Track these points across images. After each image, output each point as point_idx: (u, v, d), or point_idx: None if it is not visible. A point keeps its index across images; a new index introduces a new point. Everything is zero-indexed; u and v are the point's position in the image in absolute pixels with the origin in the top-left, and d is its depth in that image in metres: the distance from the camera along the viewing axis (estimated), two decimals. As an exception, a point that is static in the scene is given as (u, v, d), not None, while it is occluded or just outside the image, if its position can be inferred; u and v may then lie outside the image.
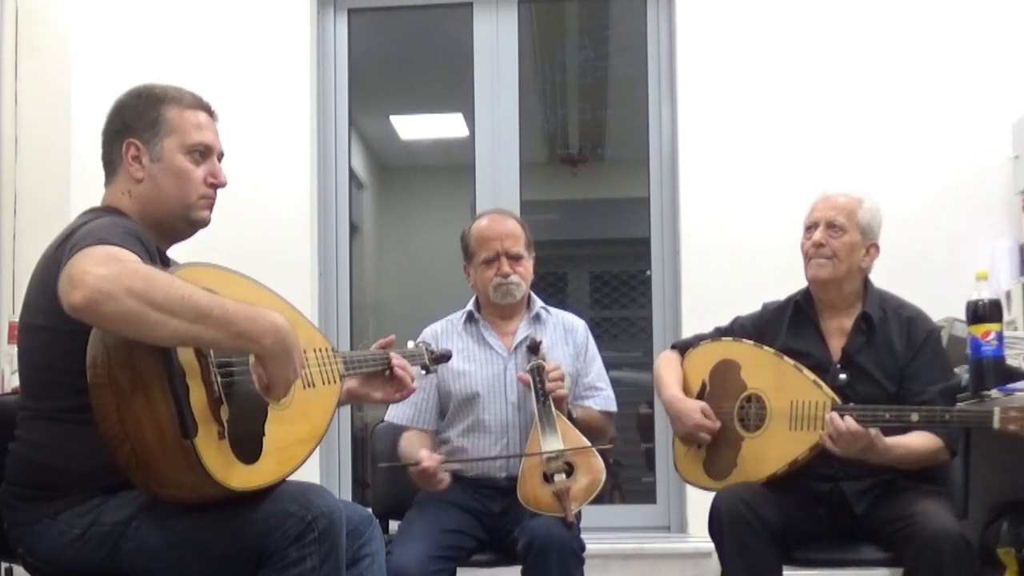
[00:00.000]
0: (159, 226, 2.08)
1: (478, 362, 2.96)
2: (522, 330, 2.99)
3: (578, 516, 2.65)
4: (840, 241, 2.73)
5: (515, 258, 2.95)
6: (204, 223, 2.12)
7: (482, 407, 2.91)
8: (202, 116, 2.13)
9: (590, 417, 2.94)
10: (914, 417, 2.50)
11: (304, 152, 4.12)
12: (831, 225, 2.73)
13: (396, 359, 2.37)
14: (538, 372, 2.80)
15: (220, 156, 2.16)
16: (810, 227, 2.78)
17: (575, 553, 2.60)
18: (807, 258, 2.78)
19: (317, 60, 4.25)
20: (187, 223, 2.11)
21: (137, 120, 2.08)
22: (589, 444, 2.73)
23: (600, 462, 2.71)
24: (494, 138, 4.26)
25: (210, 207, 2.13)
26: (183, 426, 1.74)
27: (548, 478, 2.67)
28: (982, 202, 3.82)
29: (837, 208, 2.75)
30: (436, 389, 2.97)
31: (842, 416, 2.50)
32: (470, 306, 3.06)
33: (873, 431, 2.49)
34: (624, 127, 6.11)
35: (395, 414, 2.97)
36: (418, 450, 2.79)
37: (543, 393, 2.78)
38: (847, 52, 3.95)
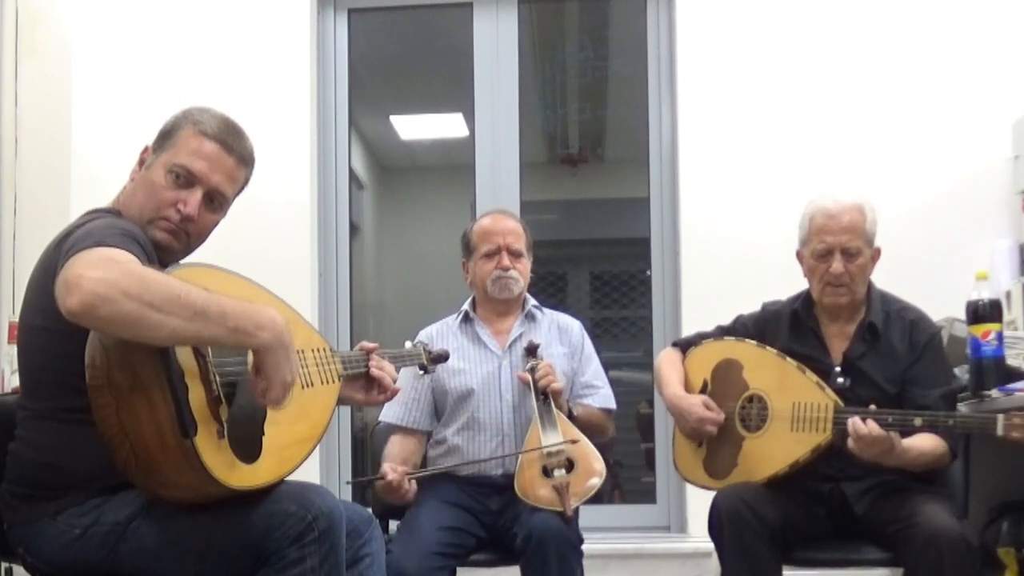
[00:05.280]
0: None
1: (473, 361, 2.97)
2: (516, 328, 3.01)
3: (575, 512, 2.65)
4: (856, 264, 2.70)
5: (515, 254, 2.97)
6: (159, 245, 2.00)
7: (476, 404, 2.92)
8: (209, 146, 2.05)
9: (589, 415, 2.96)
10: (917, 422, 2.49)
11: (304, 152, 4.12)
12: (846, 251, 2.68)
13: (374, 361, 2.32)
14: (535, 370, 2.81)
15: (215, 194, 2.06)
16: (824, 254, 2.70)
17: (574, 545, 2.61)
18: (822, 284, 2.72)
19: (317, 60, 4.25)
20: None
21: (164, 131, 2.09)
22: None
23: (600, 461, 2.72)
24: (494, 138, 4.26)
25: (170, 232, 2.02)
26: (182, 426, 1.74)
27: (548, 472, 2.68)
28: (982, 202, 3.82)
29: (849, 231, 2.68)
30: (430, 389, 2.97)
31: (864, 420, 2.48)
32: (466, 306, 3.07)
33: (894, 435, 2.48)
34: (624, 127, 6.10)
35: (387, 413, 2.98)
36: (410, 449, 2.83)
37: (542, 391, 2.79)
38: (847, 52, 3.96)
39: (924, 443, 2.58)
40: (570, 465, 2.69)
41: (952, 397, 2.73)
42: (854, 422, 2.49)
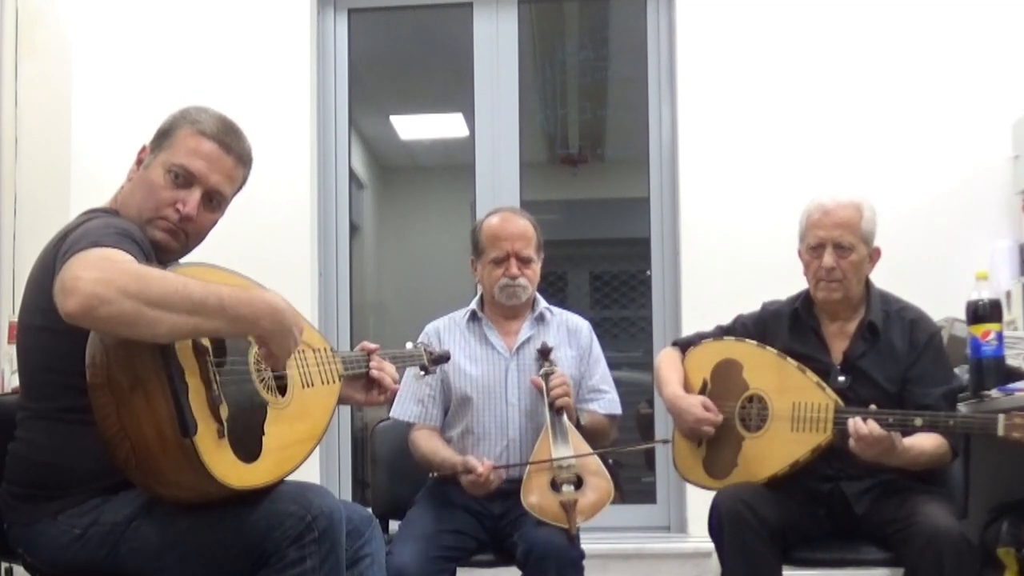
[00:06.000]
0: None
1: (479, 362, 2.96)
2: (525, 330, 2.98)
3: (578, 528, 2.64)
4: (849, 260, 2.70)
5: (524, 260, 2.93)
6: (157, 244, 2.01)
7: (477, 411, 2.91)
8: (207, 145, 2.05)
9: (596, 423, 2.94)
10: (918, 422, 2.49)
11: (304, 152, 4.12)
12: (838, 245, 2.70)
13: (374, 362, 2.32)
14: (549, 379, 2.80)
15: (214, 194, 2.06)
16: (816, 247, 2.72)
17: (574, 562, 2.59)
18: (815, 279, 2.74)
19: (317, 60, 4.25)
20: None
21: (162, 131, 2.09)
22: (594, 453, 2.73)
23: (609, 480, 2.71)
24: (494, 138, 4.26)
25: (168, 232, 2.03)
26: (183, 425, 1.74)
27: (556, 487, 2.66)
28: (982, 202, 3.81)
29: (842, 226, 2.70)
30: (442, 386, 2.96)
31: (864, 420, 2.48)
32: (474, 304, 3.04)
33: (895, 435, 2.48)
34: (624, 127, 6.10)
35: (401, 411, 2.96)
36: (452, 454, 2.81)
37: (554, 402, 2.78)
38: (847, 52, 3.95)
39: (925, 442, 2.57)
40: (579, 482, 2.67)
41: (953, 396, 2.74)
42: (854, 422, 2.49)
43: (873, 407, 2.54)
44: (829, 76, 3.95)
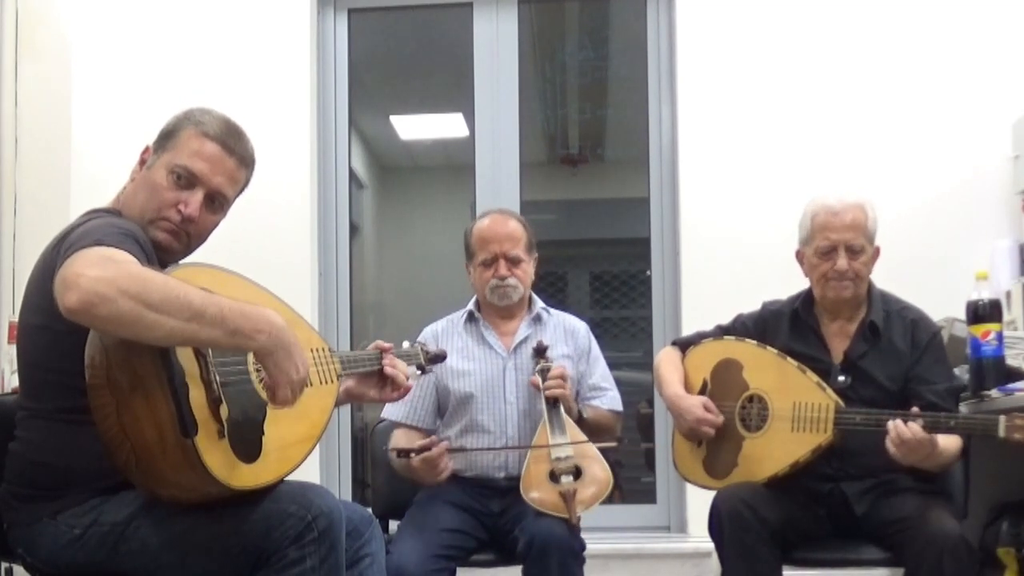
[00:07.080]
0: None
1: (477, 361, 2.96)
2: (522, 330, 2.99)
3: (578, 518, 2.65)
4: (860, 261, 2.70)
5: (513, 261, 2.94)
6: (159, 245, 2.01)
7: (477, 408, 2.91)
8: (210, 147, 2.05)
9: (598, 416, 2.95)
10: (918, 423, 2.48)
11: (304, 152, 4.12)
12: (850, 248, 2.69)
13: (387, 359, 2.35)
14: (546, 374, 2.81)
15: (216, 195, 2.07)
16: (828, 251, 2.70)
17: (575, 553, 2.60)
18: (824, 279, 2.72)
19: (317, 60, 4.25)
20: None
21: (165, 132, 2.09)
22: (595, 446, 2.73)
23: (608, 472, 2.72)
24: (494, 138, 4.26)
25: (170, 232, 2.03)
26: (183, 426, 1.74)
27: (555, 477, 2.67)
28: (982, 202, 3.81)
29: (852, 228, 2.69)
30: (434, 388, 2.97)
31: (906, 423, 2.45)
32: (471, 305, 3.06)
33: (933, 438, 2.44)
34: (624, 127, 6.11)
35: (390, 411, 2.98)
36: (414, 441, 2.79)
37: (550, 396, 2.78)
38: (847, 52, 3.95)
39: (951, 443, 2.55)
40: (578, 472, 2.68)
41: (955, 395, 2.73)
42: (895, 425, 2.45)
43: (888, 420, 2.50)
44: (829, 76, 3.95)
